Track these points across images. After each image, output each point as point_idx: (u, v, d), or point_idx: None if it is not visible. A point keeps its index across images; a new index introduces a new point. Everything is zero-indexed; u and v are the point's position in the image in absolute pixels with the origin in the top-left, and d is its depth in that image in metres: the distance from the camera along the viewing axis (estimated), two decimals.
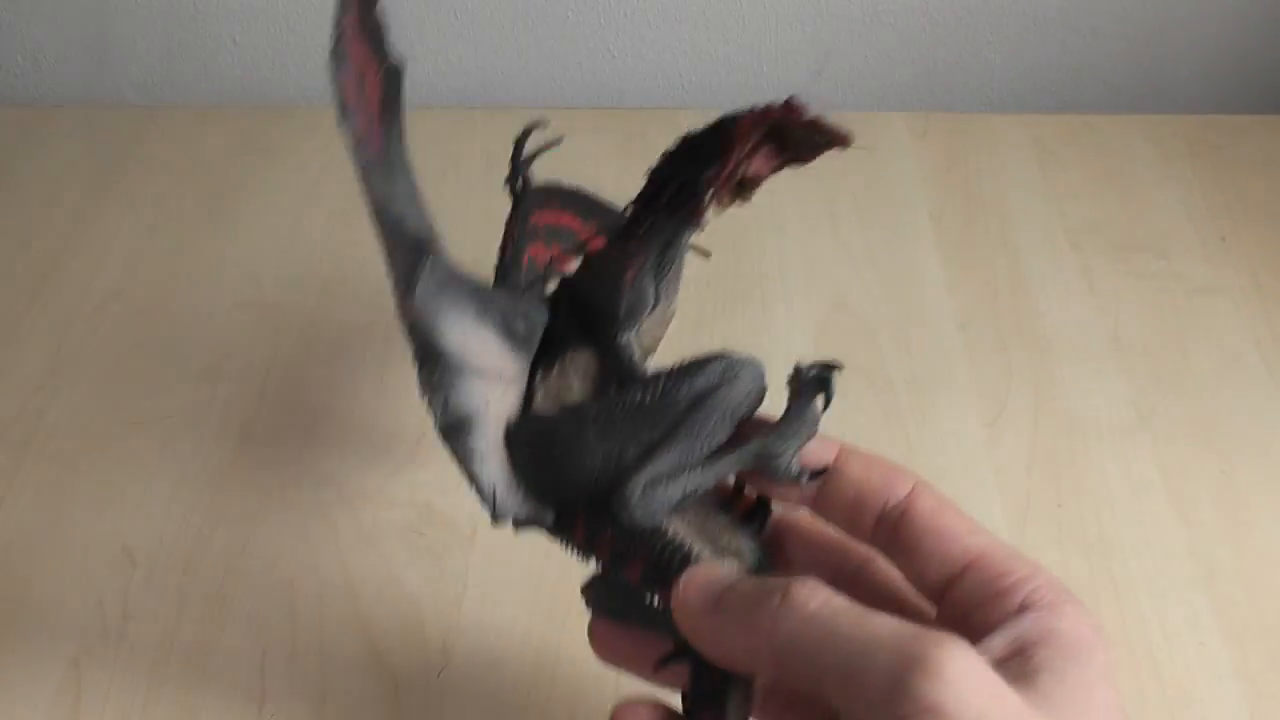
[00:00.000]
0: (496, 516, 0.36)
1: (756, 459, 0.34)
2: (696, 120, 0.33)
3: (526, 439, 0.36)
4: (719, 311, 0.64)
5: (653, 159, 0.34)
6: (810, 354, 0.61)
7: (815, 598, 0.30)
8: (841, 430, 0.57)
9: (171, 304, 0.65)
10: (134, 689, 0.47)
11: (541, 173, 0.75)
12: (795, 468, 0.34)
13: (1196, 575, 0.51)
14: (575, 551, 0.37)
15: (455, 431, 0.35)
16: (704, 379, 0.35)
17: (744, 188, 0.34)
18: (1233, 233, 0.69)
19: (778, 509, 0.37)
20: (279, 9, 0.81)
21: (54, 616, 0.49)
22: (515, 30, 0.82)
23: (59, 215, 0.71)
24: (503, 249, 0.46)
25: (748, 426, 0.35)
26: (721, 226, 0.65)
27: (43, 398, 0.59)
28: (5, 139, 0.77)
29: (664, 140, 0.33)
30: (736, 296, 0.65)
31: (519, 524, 0.36)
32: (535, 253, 0.49)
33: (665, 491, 0.34)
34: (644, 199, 0.36)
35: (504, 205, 0.72)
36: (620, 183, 0.80)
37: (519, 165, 0.42)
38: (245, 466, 0.56)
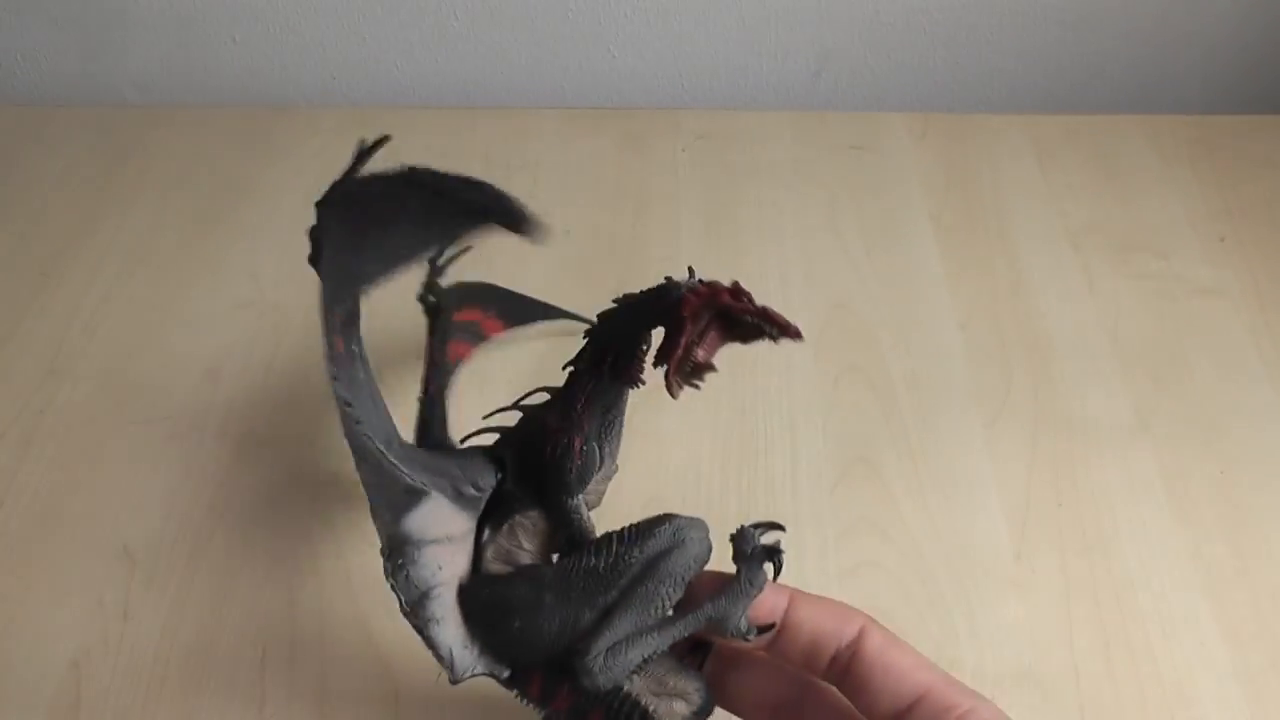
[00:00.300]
0: (455, 678, 0.38)
1: (709, 622, 0.36)
2: (697, 120, 0.33)
3: (482, 600, 0.38)
4: None
5: (653, 159, 0.34)
6: (811, 354, 0.62)
7: None
8: (842, 431, 0.58)
9: (171, 304, 0.65)
10: (134, 689, 0.47)
11: (543, 172, 0.75)
12: (744, 625, 0.36)
13: (1196, 575, 0.51)
14: (530, 704, 0.38)
15: (417, 606, 0.37)
16: (654, 543, 0.37)
17: (696, 371, 0.35)
18: (1233, 233, 0.69)
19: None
20: (279, 9, 0.81)
21: (54, 616, 0.49)
22: (515, 30, 0.82)
23: (59, 215, 0.71)
24: (425, 381, 0.47)
25: (698, 584, 0.37)
26: (722, 228, 0.65)
27: (43, 398, 0.59)
28: (5, 139, 0.77)
29: (664, 140, 0.33)
30: None
31: (472, 676, 0.38)
32: (457, 350, 0.51)
33: (625, 656, 0.36)
34: (587, 362, 0.38)
35: None
36: (620, 182, 0.80)
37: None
38: (245, 466, 0.56)
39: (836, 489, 0.54)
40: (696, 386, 0.35)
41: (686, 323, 0.35)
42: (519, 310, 0.61)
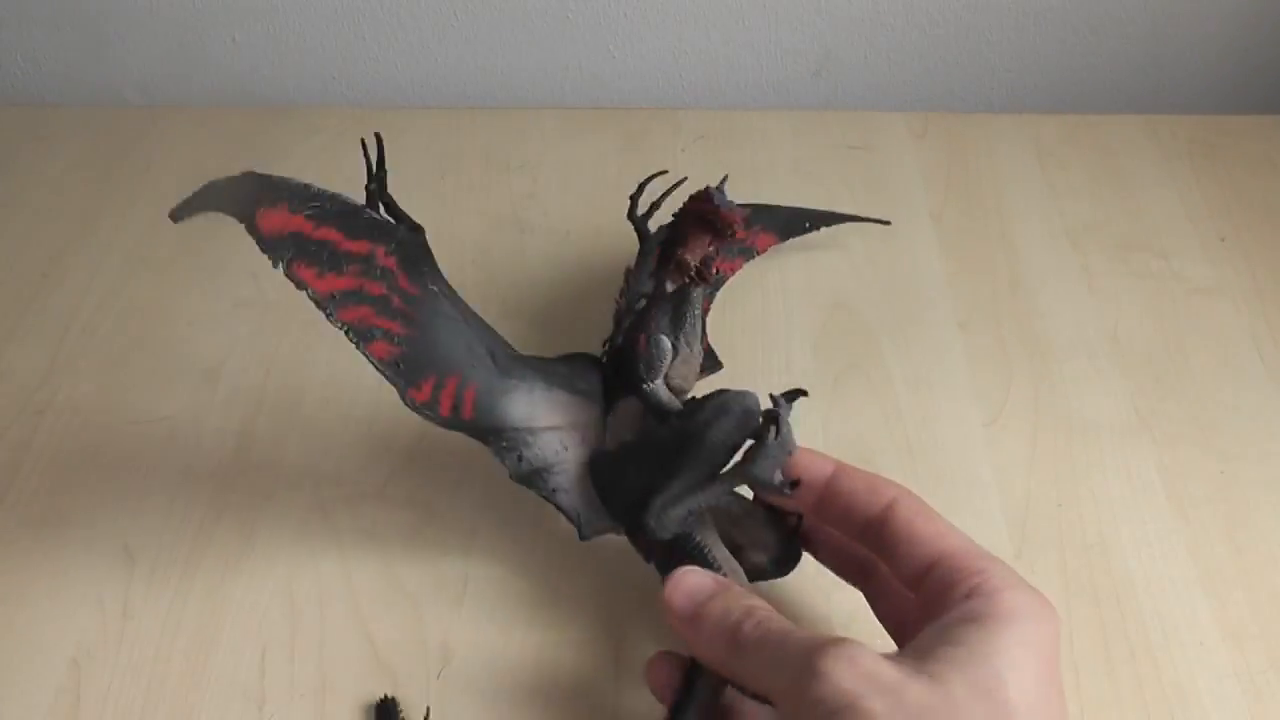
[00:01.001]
0: (582, 535, 0.47)
1: (747, 479, 0.43)
2: (697, 120, 0.33)
3: (599, 472, 0.47)
4: (719, 312, 0.64)
5: (653, 159, 0.34)
6: (811, 354, 0.62)
7: (757, 616, 0.38)
8: (842, 430, 0.58)
9: (171, 304, 0.65)
10: (134, 689, 0.47)
11: (543, 172, 0.75)
12: (777, 479, 0.42)
13: (1196, 575, 0.51)
14: (642, 556, 0.46)
15: (532, 478, 0.47)
16: (702, 414, 0.44)
17: (680, 269, 0.45)
18: (1233, 233, 0.69)
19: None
20: (279, 9, 0.81)
21: (54, 616, 0.49)
22: (515, 30, 0.82)
23: (59, 215, 0.71)
24: (621, 293, 0.54)
25: (748, 451, 0.43)
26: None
27: (43, 398, 0.59)
28: (5, 139, 0.77)
29: (664, 140, 0.33)
30: (737, 297, 0.65)
31: (600, 534, 0.48)
32: (725, 267, 0.62)
33: (675, 510, 0.43)
34: (655, 271, 0.47)
35: (501, 203, 0.73)
36: (620, 182, 0.80)
37: None
38: (245, 466, 0.56)
39: None
40: (690, 281, 0.45)
41: (677, 227, 0.46)
42: (788, 221, 0.66)
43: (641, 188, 0.55)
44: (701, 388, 0.48)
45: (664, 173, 0.56)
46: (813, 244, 0.69)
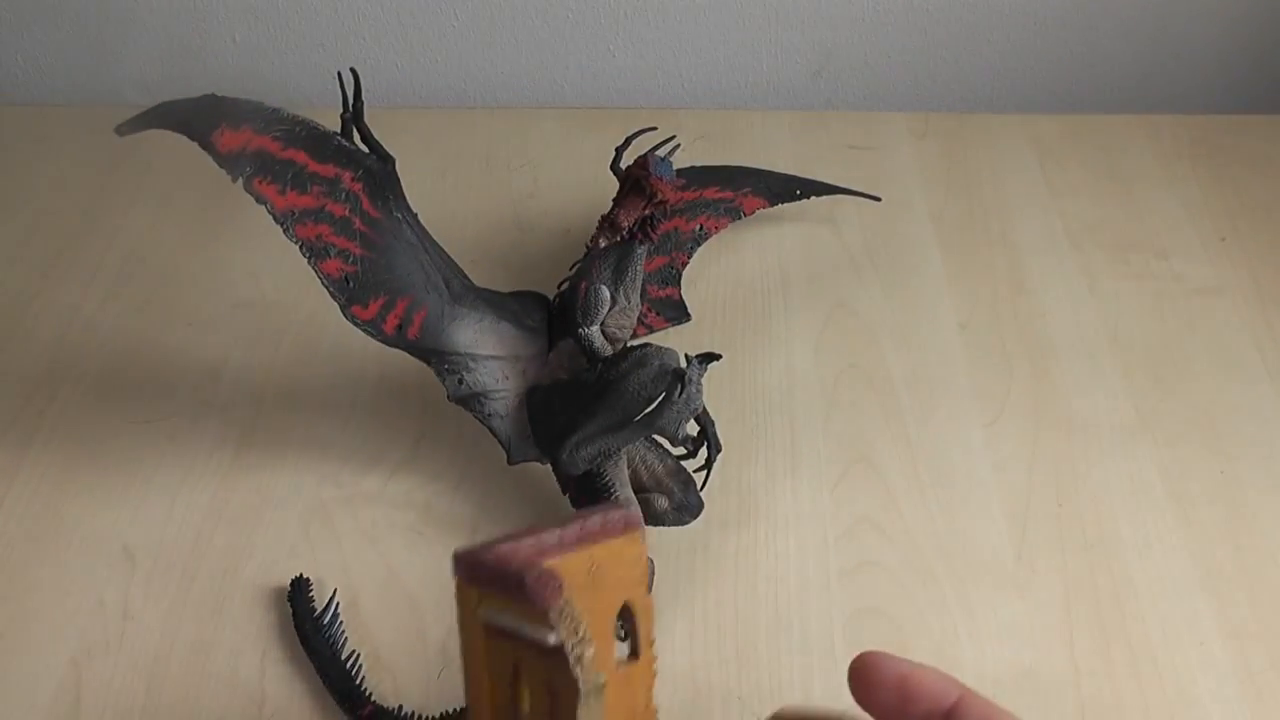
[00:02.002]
0: (510, 460, 0.51)
1: (653, 428, 0.47)
2: (697, 120, 0.33)
3: (532, 405, 0.51)
4: (720, 312, 0.64)
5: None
6: (811, 354, 0.62)
7: None
8: (843, 430, 0.58)
9: (171, 304, 0.65)
10: (134, 689, 0.47)
11: (543, 172, 0.75)
12: (680, 435, 0.47)
13: (1196, 575, 0.51)
14: (561, 488, 0.50)
15: (470, 401, 0.51)
16: (624, 365, 0.48)
17: (613, 228, 0.49)
18: (1233, 233, 0.69)
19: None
20: (279, 9, 0.81)
21: (54, 616, 0.49)
22: (515, 30, 0.82)
23: (59, 215, 0.71)
24: (593, 238, 0.55)
25: (658, 404, 0.47)
26: (724, 229, 0.65)
27: (43, 398, 0.59)
28: (5, 139, 0.77)
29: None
30: (737, 297, 0.65)
31: (526, 461, 0.51)
32: (710, 224, 0.65)
33: (587, 449, 0.48)
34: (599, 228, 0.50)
35: (501, 203, 0.73)
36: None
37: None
38: (245, 466, 0.56)
39: (836, 489, 0.54)
40: (621, 240, 0.49)
41: (619, 188, 0.50)
42: (778, 186, 0.68)
43: (628, 141, 0.56)
44: (665, 338, 0.52)
45: (653, 129, 0.56)
46: (813, 244, 0.69)
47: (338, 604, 0.49)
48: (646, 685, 0.35)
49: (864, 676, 0.33)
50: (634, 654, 0.34)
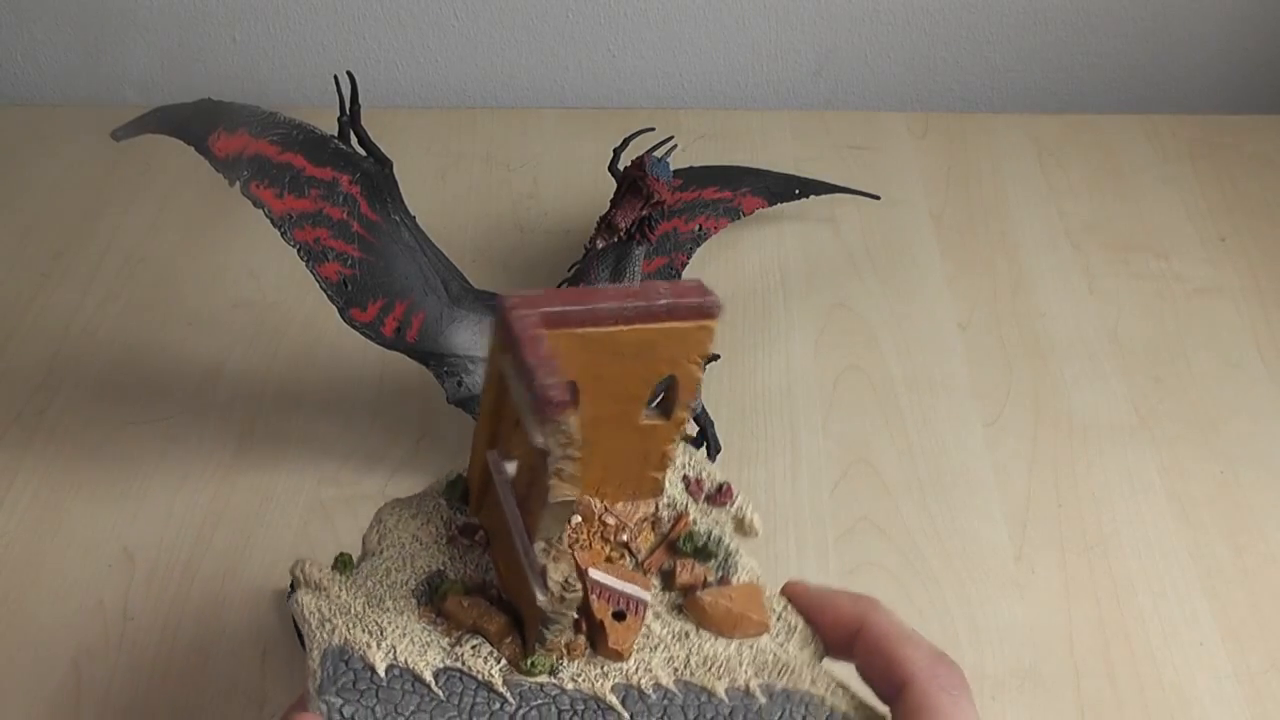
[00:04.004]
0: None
1: None
2: (697, 120, 0.33)
3: None
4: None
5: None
6: (811, 354, 0.62)
7: None
8: (843, 430, 0.57)
9: (171, 304, 0.65)
10: (134, 689, 0.47)
11: (543, 172, 0.75)
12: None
13: (1196, 575, 0.51)
14: None
15: (468, 403, 0.50)
16: None
17: (610, 229, 0.48)
18: (1233, 233, 0.69)
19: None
20: (279, 9, 0.81)
21: (54, 616, 0.49)
22: (515, 30, 0.82)
23: (59, 215, 0.71)
24: (592, 238, 0.54)
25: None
26: (723, 229, 0.65)
27: (43, 398, 0.59)
28: (5, 139, 0.77)
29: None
30: (737, 297, 0.65)
31: None
32: (708, 224, 0.64)
33: None
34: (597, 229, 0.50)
35: (501, 204, 0.73)
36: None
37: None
38: (245, 466, 0.56)
39: (836, 489, 0.54)
40: (618, 240, 0.49)
41: (617, 189, 0.49)
42: (777, 186, 0.68)
43: (626, 141, 0.56)
44: None
45: (651, 129, 0.56)
46: (812, 243, 0.69)
47: None
48: (668, 438, 0.37)
49: (793, 604, 0.37)
50: (667, 415, 0.36)
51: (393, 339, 0.49)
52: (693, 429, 0.50)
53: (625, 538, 0.37)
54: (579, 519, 0.37)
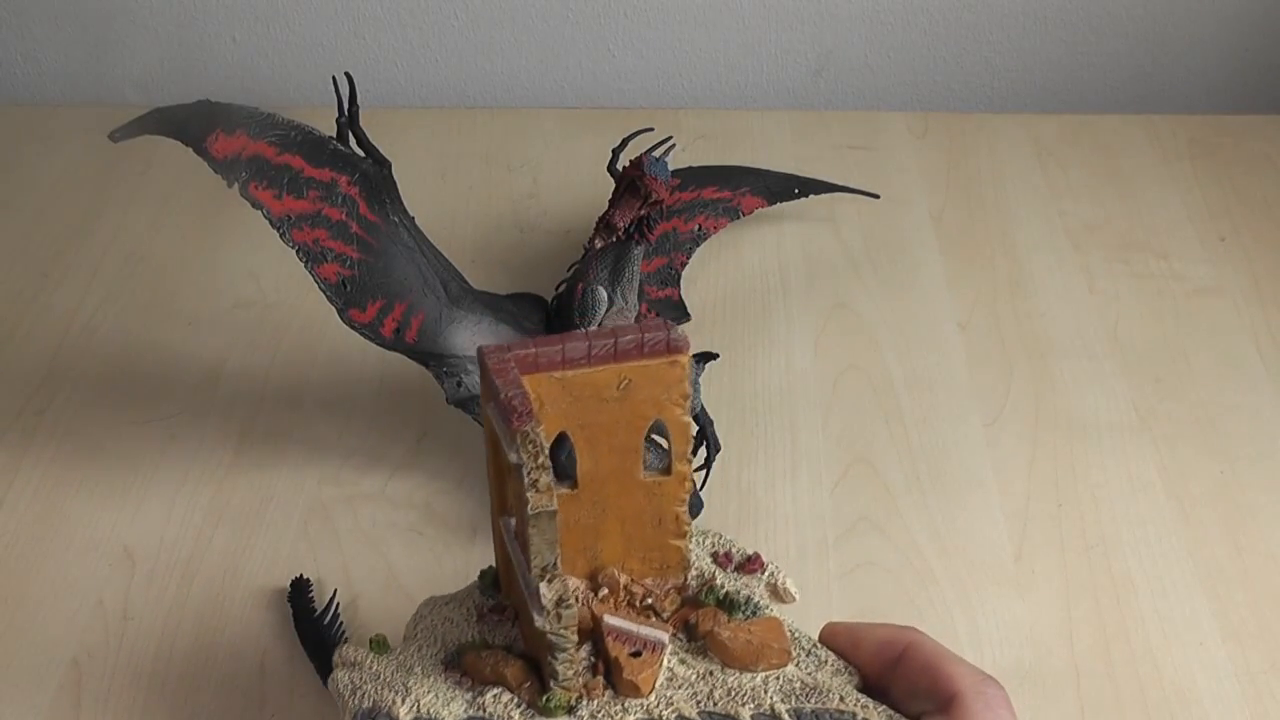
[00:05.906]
0: None
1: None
2: (697, 120, 0.33)
3: None
4: (719, 312, 0.64)
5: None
6: (811, 354, 0.62)
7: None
8: (843, 430, 0.57)
9: (171, 304, 0.65)
10: (134, 689, 0.47)
11: (543, 172, 0.75)
12: None
13: (1196, 575, 0.51)
14: None
15: (469, 403, 0.50)
16: None
17: (609, 229, 0.49)
18: (1232, 233, 0.69)
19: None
20: (279, 9, 0.81)
21: (54, 616, 0.49)
22: (515, 30, 0.82)
23: (59, 215, 0.71)
24: (591, 239, 0.55)
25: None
26: (723, 229, 0.65)
27: (43, 397, 0.59)
28: (5, 139, 0.77)
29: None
30: (737, 297, 0.65)
31: None
32: (708, 224, 0.65)
33: None
34: (595, 230, 0.50)
35: (500, 204, 0.73)
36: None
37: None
38: (245, 466, 0.56)
39: (836, 489, 0.54)
40: (617, 240, 0.49)
41: (615, 189, 0.49)
42: (776, 185, 0.68)
43: (626, 141, 0.56)
44: None
45: (650, 129, 0.56)
46: (812, 243, 0.69)
47: (338, 604, 0.48)
48: (678, 498, 0.37)
49: (829, 644, 0.38)
50: (666, 470, 0.36)
51: (392, 340, 0.49)
52: (692, 429, 0.49)
53: (650, 601, 0.38)
54: (605, 590, 0.37)
